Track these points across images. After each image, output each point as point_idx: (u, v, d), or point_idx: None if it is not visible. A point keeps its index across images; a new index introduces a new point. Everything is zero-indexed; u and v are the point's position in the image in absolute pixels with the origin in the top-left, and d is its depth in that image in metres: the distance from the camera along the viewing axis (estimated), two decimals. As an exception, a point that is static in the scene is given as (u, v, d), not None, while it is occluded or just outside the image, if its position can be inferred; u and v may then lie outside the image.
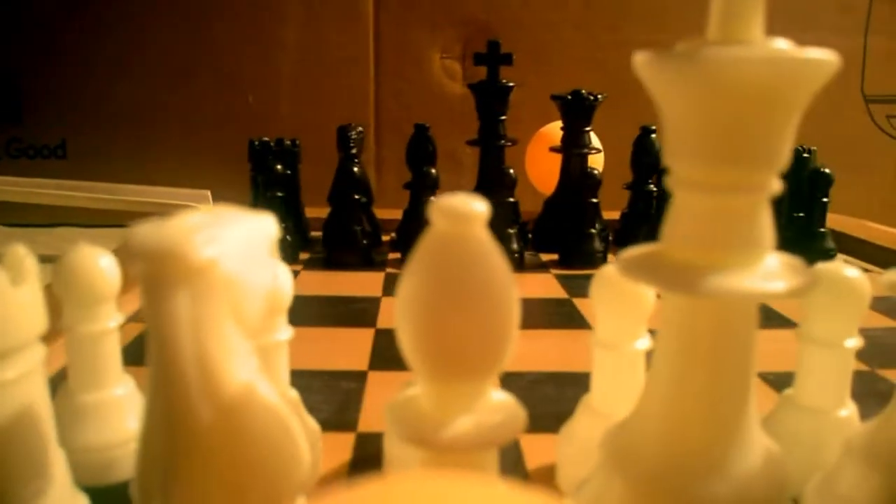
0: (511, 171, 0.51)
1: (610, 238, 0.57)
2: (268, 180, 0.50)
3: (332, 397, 0.29)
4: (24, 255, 0.17)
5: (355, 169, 0.50)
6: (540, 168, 0.61)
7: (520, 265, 0.50)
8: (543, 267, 0.51)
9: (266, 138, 0.54)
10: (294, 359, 0.23)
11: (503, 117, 0.55)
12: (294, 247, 0.51)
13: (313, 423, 0.23)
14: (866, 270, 0.50)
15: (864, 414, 0.28)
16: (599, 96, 0.54)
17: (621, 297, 0.21)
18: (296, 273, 0.48)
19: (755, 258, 0.15)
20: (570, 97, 0.53)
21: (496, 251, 0.15)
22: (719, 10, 0.15)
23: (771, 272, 0.15)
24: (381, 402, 0.28)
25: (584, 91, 0.53)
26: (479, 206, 0.15)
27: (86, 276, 0.22)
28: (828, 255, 0.51)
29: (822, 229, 0.52)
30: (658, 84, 0.15)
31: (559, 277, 0.48)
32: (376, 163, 0.73)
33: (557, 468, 0.24)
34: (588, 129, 0.54)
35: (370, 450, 0.25)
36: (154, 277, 0.13)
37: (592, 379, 0.23)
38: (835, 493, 0.19)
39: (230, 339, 0.14)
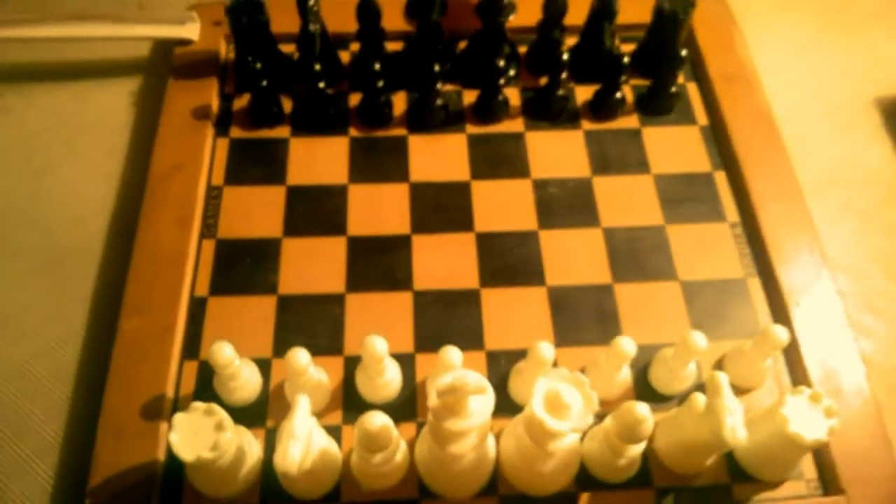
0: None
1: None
2: (248, 72, 0.64)
3: (328, 325, 0.57)
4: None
5: (317, 66, 0.63)
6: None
7: (445, 121, 0.68)
8: (460, 121, 0.69)
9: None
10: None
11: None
12: (278, 112, 0.67)
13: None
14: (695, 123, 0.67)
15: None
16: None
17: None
18: (285, 142, 0.67)
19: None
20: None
21: None
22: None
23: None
24: (358, 327, 0.57)
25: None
26: None
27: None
28: (668, 109, 0.69)
29: (674, 90, 0.68)
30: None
31: (470, 143, 0.67)
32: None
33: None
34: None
35: (351, 368, 0.55)
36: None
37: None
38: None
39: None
